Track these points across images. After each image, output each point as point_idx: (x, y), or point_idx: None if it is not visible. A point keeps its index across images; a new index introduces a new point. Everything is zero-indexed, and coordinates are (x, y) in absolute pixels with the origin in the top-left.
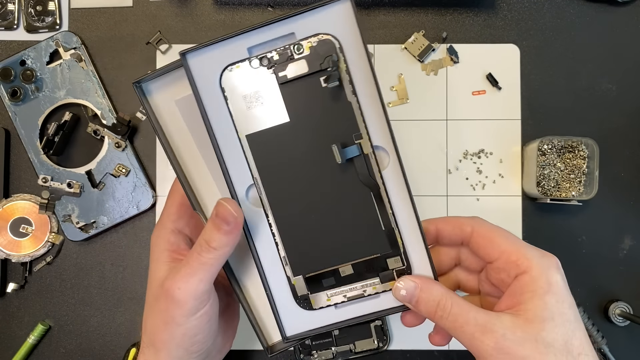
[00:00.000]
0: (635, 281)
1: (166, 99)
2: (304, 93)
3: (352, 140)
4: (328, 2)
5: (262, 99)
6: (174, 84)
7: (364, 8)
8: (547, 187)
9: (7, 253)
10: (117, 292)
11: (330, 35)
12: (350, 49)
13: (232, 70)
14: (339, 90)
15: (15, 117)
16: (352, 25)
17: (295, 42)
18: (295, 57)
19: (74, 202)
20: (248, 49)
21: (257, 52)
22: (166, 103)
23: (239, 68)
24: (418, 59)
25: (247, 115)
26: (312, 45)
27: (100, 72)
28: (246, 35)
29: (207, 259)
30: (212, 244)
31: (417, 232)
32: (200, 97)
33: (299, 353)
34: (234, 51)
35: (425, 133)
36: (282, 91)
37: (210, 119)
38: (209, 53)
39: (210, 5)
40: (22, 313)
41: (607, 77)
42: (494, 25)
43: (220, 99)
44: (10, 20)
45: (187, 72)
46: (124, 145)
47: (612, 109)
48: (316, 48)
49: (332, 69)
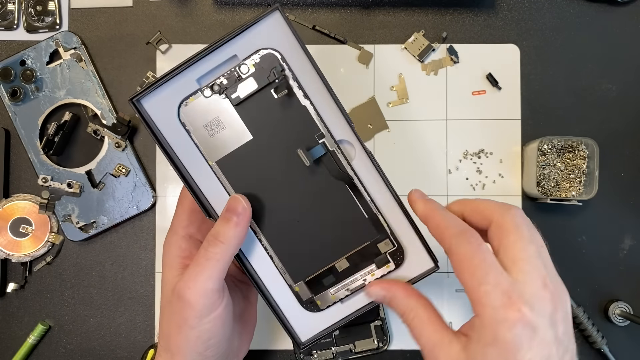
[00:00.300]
0: (635, 281)
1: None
2: (259, 108)
3: (315, 141)
4: (259, 18)
5: (222, 124)
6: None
7: (364, 8)
8: (547, 187)
9: (7, 253)
10: (117, 292)
11: (269, 49)
12: (292, 56)
13: (187, 104)
14: (290, 98)
15: (15, 117)
16: (287, 34)
17: (239, 63)
18: (242, 77)
19: (74, 202)
20: (197, 80)
21: (206, 82)
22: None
23: (193, 100)
24: (418, 59)
25: (212, 143)
26: (255, 62)
27: (100, 72)
28: (191, 68)
29: (214, 253)
30: (219, 237)
31: (399, 212)
32: (164, 136)
33: (299, 353)
34: (184, 86)
35: (425, 133)
36: (238, 112)
37: (178, 154)
38: (160, 94)
39: (210, 5)
40: (22, 313)
41: (607, 77)
42: (494, 25)
43: (183, 134)
44: (10, 20)
45: (144, 117)
46: (124, 145)
47: (612, 109)
48: (260, 64)
49: (279, 80)
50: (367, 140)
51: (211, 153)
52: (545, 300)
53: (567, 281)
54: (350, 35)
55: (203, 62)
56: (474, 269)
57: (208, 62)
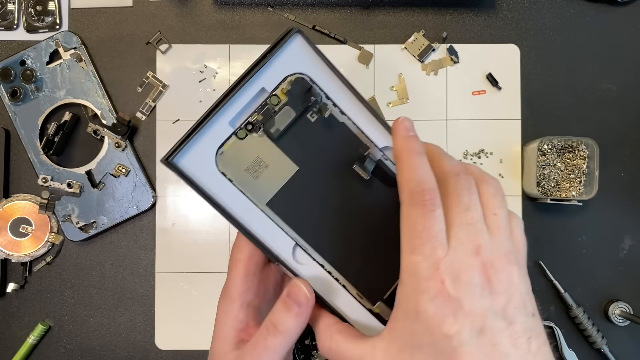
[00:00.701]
0: (635, 281)
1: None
2: (298, 136)
3: (362, 155)
4: (280, 46)
5: (264, 162)
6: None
7: (364, 8)
8: (547, 187)
9: (7, 253)
10: (117, 292)
11: (297, 74)
12: (320, 75)
13: (224, 152)
14: (328, 117)
15: (15, 117)
16: (311, 55)
17: (269, 95)
18: (277, 110)
19: (74, 202)
20: (229, 123)
21: (239, 122)
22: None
23: (229, 146)
24: (418, 59)
25: (257, 185)
26: (286, 90)
27: (100, 72)
28: (221, 112)
29: (273, 344)
30: (279, 327)
31: None
32: (207, 191)
33: (299, 353)
34: (217, 133)
35: (425, 133)
36: (278, 146)
37: (226, 207)
38: (194, 148)
39: (210, 5)
40: (22, 313)
41: (607, 77)
42: (494, 25)
43: (226, 183)
44: (10, 20)
45: (182, 176)
46: (123, 145)
47: (612, 109)
48: (291, 91)
49: (314, 103)
50: None
51: (259, 196)
52: (474, 269)
53: (567, 281)
54: (350, 35)
55: (232, 104)
56: (414, 235)
57: (237, 102)
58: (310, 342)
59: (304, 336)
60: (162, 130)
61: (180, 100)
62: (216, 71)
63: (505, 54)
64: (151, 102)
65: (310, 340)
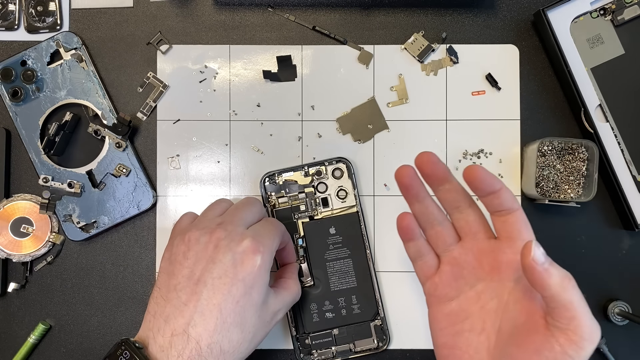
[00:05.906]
0: (634, 280)
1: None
2: (633, 30)
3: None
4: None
5: (601, 39)
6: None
7: (364, 8)
8: (546, 188)
9: (8, 253)
10: (117, 291)
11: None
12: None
13: (577, 22)
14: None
15: (16, 117)
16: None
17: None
18: (627, 3)
19: (75, 202)
20: (590, 3)
21: (596, 5)
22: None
23: (582, 19)
24: (418, 59)
25: (590, 53)
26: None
27: (101, 73)
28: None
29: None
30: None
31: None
32: (558, 41)
33: (299, 352)
34: (579, 7)
35: (425, 133)
36: (616, 31)
37: (565, 56)
38: (561, 8)
39: (210, 5)
40: (22, 313)
41: None
42: (493, 25)
43: (570, 43)
44: (11, 21)
45: (548, 23)
46: (124, 145)
47: None
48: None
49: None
50: (367, 140)
51: (589, 60)
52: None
53: None
54: (350, 36)
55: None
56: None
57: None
58: (311, 341)
59: (303, 336)
60: (163, 131)
61: (180, 101)
62: (216, 71)
63: (505, 54)
64: (152, 103)
65: (311, 340)
